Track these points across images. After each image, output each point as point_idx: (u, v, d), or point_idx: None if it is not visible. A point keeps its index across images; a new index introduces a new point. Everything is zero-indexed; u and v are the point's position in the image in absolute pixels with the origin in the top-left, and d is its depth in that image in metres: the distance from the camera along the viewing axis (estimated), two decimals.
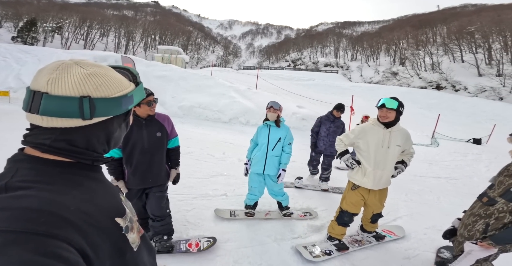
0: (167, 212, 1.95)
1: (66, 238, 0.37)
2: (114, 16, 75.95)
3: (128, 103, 0.53)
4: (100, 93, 0.47)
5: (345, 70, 54.80)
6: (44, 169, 0.46)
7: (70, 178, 0.47)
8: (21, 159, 0.47)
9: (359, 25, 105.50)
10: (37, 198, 0.39)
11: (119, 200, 0.56)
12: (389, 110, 2.02)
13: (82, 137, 0.49)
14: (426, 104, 18.71)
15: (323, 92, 18.82)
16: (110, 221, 0.49)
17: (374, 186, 2.12)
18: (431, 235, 2.63)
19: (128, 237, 0.52)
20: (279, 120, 2.55)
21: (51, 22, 54.42)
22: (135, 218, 0.59)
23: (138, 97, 0.57)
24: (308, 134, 7.77)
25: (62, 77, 0.44)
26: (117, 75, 0.53)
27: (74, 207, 0.42)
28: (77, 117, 0.45)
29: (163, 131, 1.83)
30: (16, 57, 13.31)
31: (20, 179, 0.42)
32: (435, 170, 5.62)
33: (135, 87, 0.55)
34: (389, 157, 2.08)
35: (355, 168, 2.19)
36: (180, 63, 31.57)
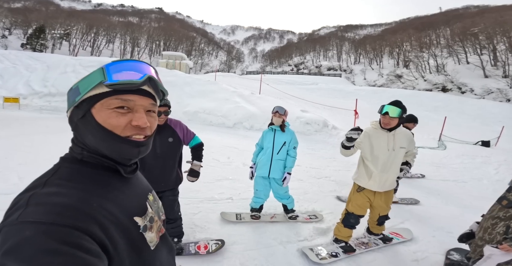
0: (179, 215, 2.01)
1: (88, 231, 0.41)
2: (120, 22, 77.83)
3: (74, 95, 0.51)
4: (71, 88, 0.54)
5: (348, 73, 54.73)
6: (79, 169, 0.52)
7: (98, 178, 0.52)
8: (65, 158, 0.55)
9: (361, 28, 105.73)
10: (66, 195, 0.45)
11: (143, 200, 0.60)
12: (392, 118, 2.04)
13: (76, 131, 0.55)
14: (432, 107, 18.49)
15: (326, 96, 18.79)
16: (129, 220, 0.52)
17: (380, 188, 2.13)
18: (439, 238, 2.60)
19: (146, 236, 0.54)
20: (284, 125, 2.59)
21: (59, 29, 56.03)
22: (158, 218, 0.62)
23: (85, 85, 0.50)
24: (312, 138, 7.83)
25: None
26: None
27: (96, 204, 0.46)
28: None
29: (175, 137, 1.87)
30: (26, 63, 13.70)
31: (58, 177, 0.49)
32: (443, 173, 5.55)
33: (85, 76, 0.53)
34: (395, 160, 2.10)
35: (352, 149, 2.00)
36: (184, 68, 32.05)
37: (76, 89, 0.51)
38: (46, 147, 4.48)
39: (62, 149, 0.57)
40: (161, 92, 0.57)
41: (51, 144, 4.75)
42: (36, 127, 6.25)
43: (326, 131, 8.31)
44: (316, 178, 4.37)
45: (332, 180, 4.28)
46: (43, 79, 11.70)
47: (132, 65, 0.52)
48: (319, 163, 5.36)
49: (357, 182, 2.22)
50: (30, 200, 0.42)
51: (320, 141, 7.66)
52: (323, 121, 8.61)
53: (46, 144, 4.70)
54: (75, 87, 0.52)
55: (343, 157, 2.30)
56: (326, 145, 7.33)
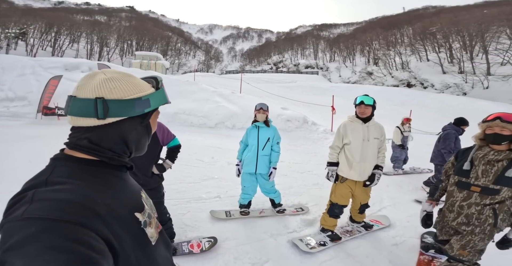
0: (167, 216, 1.99)
1: (93, 227, 0.42)
2: (85, 21, 72.38)
3: (143, 106, 0.56)
4: (114, 95, 0.52)
5: (325, 71, 56.68)
6: (77, 167, 0.52)
7: (98, 175, 0.53)
8: (59, 157, 0.54)
9: (335, 27, 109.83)
10: (71, 192, 0.45)
11: (139, 197, 0.62)
12: (367, 106, 2.23)
13: (100, 136, 0.54)
14: (399, 101, 19.91)
15: (305, 93, 19.33)
16: (130, 216, 0.53)
17: (360, 178, 2.29)
18: (413, 223, 2.80)
19: (147, 231, 0.56)
20: (268, 121, 2.66)
21: (13, 28, 50.65)
22: (154, 215, 0.64)
23: (157, 101, 0.59)
24: (293, 134, 8.02)
25: (87, 83, 0.52)
26: (136, 80, 0.57)
27: (100, 200, 0.47)
28: (93, 116, 0.51)
29: (153, 135, 1.84)
30: None
31: (57, 175, 0.48)
32: (412, 162, 6.02)
33: (153, 92, 0.58)
34: (370, 150, 2.27)
35: (332, 174, 2.37)
36: (160, 69, 30.86)
37: (147, 101, 0.57)
38: (10, 156, 4.10)
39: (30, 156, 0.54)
40: None
41: (17, 152, 4.35)
42: (7, 134, 5.68)
43: (306, 127, 8.57)
44: (299, 173, 4.52)
45: (315, 174, 4.45)
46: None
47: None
48: (301, 158, 5.54)
49: (339, 173, 2.35)
50: (34, 196, 0.42)
51: (301, 137, 7.88)
52: (303, 118, 8.87)
53: (10, 152, 4.30)
54: (145, 99, 0.56)
55: (324, 151, 2.44)
56: (307, 140, 7.58)
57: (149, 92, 0.57)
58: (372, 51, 55.20)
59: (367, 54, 56.74)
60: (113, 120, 0.53)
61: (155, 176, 1.92)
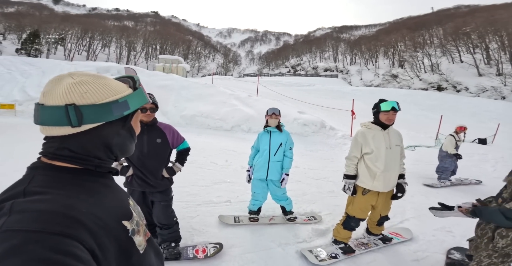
0: (174, 220, 1.99)
1: (79, 238, 0.40)
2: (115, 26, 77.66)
3: (122, 109, 0.52)
4: (86, 100, 0.48)
5: (345, 74, 55.12)
6: (57, 176, 0.49)
7: (81, 184, 0.50)
8: (37, 166, 0.51)
9: (356, 29, 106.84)
10: (52, 202, 0.42)
11: (127, 204, 0.59)
12: (395, 113, 2.07)
13: (80, 144, 0.51)
14: (428, 106, 18.67)
15: (323, 97, 18.90)
16: (117, 224, 0.51)
17: (385, 188, 2.11)
18: (440, 237, 2.60)
19: (135, 240, 0.54)
20: (280, 125, 2.59)
21: (53, 34, 55.74)
22: (142, 222, 0.61)
23: (136, 102, 0.56)
24: (310, 139, 7.83)
25: (53, 89, 0.48)
26: (110, 82, 0.53)
27: (85, 209, 0.45)
28: (66, 124, 0.47)
29: (164, 138, 1.87)
30: (21, 69, 13.58)
31: (36, 184, 0.46)
32: None
33: (130, 92, 0.55)
34: (394, 158, 2.10)
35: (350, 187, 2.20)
36: (181, 72, 32.06)
37: (125, 104, 0.54)
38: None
39: None
40: None
41: None
42: (32, 134, 6.17)
43: (323, 132, 8.33)
44: (314, 179, 4.37)
45: (331, 181, 4.28)
46: (39, 84, 11.61)
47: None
48: (317, 164, 5.36)
49: (361, 184, 2.16)
50: (13, 207, 0.40)
51: (318, 142, 7.67)
52: (321, 122, 8.64)
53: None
54: (123, 101, 0.53)
55: (342, 158, 2.31)
56: (324, 146, 7.34)
57: (126, 93, 0.54)
58: (397, 53, 52.75)
59: (392, 56, 54.32)
60: (90, 126, 0.50)
61: (165, 179, 1.93)
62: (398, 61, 50.41)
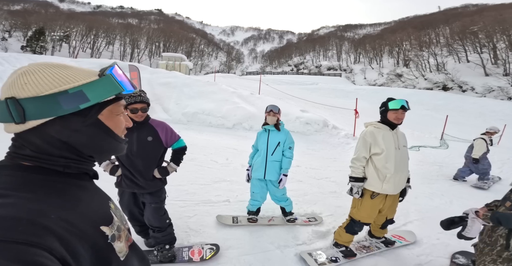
0: (167, 222, 1.89)
1: (46, 246, 0.35)
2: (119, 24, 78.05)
3: (75, 101, 0.44)
4: (26, 93, 0.42)
5: (348, 73, 54.69)
6: (26, 176, 0.44)
7: (52, 186, 0.45)
8: (5, 165, 0.46)
9: (360, 28, 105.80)
10: (16, 207, 0.38)
11: (106, 208, 0.54)
12: (404, 112, 1.97)
13: (34, 143, 0.45)
14: (433, 105, 18.39)
15: (326, 96, 18.74)
16: (94, 230, 0.46)
17: (395, 191, 2.01)
18: (444, 240, 2.51)
19: (115, 246, 0.49)
20: (279, 124, 2.51)
21: (58, 31, 56.19)
22: (124, 227, 0.56)
23: (99, 92, 0.46)
24: (312, 138, 7.74)
25: (5, 82, 0.44)
26: (64, 70, 0.45)
27: (54, 215, 0.40)
28: (10, 121, 0.42)
29: (155, 136, 1.76)
30: None
31: (1, 186, 0.41)
32: (446, 173, 5.45)
33: (89, 81, 0.46)
34: (404, 159, 2.02)
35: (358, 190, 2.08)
36: (184, 69, 32.06)
37: (79, 94, 0.44)
38: None
39: None
40: None
41: None
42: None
43: (326, 131, 8.23)
44: (316, 179, 4.29)
45: (333, 181, 4.20)
46: None
47: (119, 73, 0.52)
48: (319, 164, 5.28)
49: (370, 188, 2.03)
50: None
51: (320, 141, 7.57)
52: (323, 121, 8.54)
53: None
54: (76, 91, 0.44)
55: (344, 157, 2.23)
56: (327, 145, 7.25)
57: (82, 82, 0.45)
58: (402, 52, 52.11)
59: (397, 55, 53.71)
60: (38, 122, 0.43)
61: (157, 180, 1.82)
62: (403, 60, 49.81)
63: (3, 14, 55.30)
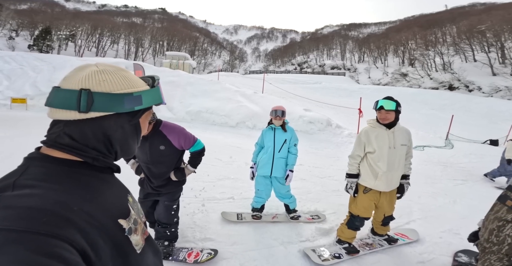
0: (174, 221, 1.93)
1: (67, 238, 0.37)
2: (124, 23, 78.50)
3: (134, 103, 0.52)
4: (102, 88, 0.48)
5: (353, 72, 54.32)
6: (53, 168, 0.47)
7: (77, 178, 0.47)
8: (34, 157, 0.48)
9: (365, 27, 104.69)
10: (42, 198, 0.40)
11: (125, 201, 0.56)
12: (388, 112, 2.02)
13: (82, 132, 0.49)
14: (439, 105, 18.17)
15: (330, 95, 18.65)
16: (113, 223, 0.48)
17: (387, 188, 2.08)
18: (447, 239, 2.53)
19: (131, 239, 0.51)
20: (285, 123, 2.56)
21: (64, 30, 56.87)
22: (140, 220, 0.59)
23: (150, 99, 0.55)
24: (315, 137, 7.74)
25: (75, 74, 0.49)
26: (131, 75, 0.54)
27: (77, 207, 0.42)
28: (74, 109, 0.46)
29: (167, 144, 1.71)
30: (33, 65, 13.87)
31: (29, 177, 0.43)
32: (450, 173, 5.42)
33: (147, 89, 0.55)
34: (398, 158, 2.05)
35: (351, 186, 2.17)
36: (188, 68, 32.18)
37: (138, 98, 0.53)
38: None
39: None
40: None
41: None
42: (43, 127, 6.30)
43: (329, 130, 8.23)
44: (319, 178, 4.31)
45: (336, 180, 4.21)
46: (50, 79, 11.84)
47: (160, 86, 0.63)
48: (322, 162, 5.30)
49: (362, 183, 2.14)
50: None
51: (323, 140, 7.58)
52: (327, 120, 8.53)
53: None
54: (137, 95, 0.52)
55: (347, 156, 2.26)
56: (330, 144, 7.26)
57: (142, 88, 0.54)
58: (407, 51, 51.50)
59: (402, 55, 53.12)
60: (97, 114, 0.48)
61: (172, 182, 1.83)
62: (408, 60, 49.24)
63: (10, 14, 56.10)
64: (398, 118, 2.09)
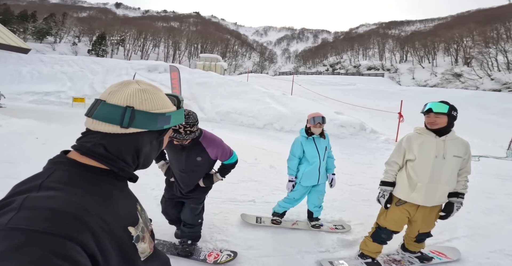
0: (198, 221, 1.99)
1: (81, 242, 0.39)
2: (163, 27, 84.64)
3: (164, 122, 0.57)
4: (143, 107, 0.53)
5: (393, 73, 50.28)
6: (78, 173, 0.50)
7: (98, 184, 0.50)
8: (61, 161, 0.51)
9: (407, 24, 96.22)
10: (64, 201, 0.42)
11: (134, 209, 0.58)
12: (438, 115, 1.74)
13: (117, 144, 0.53)
14: (500, 110, 15.62)
15: (365, 97, 17.41)
16: (123, 230, 0.50)
17: (426, 202, 1.81)
18: (495, 260, 2.17)
19: (138, 247, 0.53)
20: (323, 132, 2.49)
21: (115, 36, 63.82)
22: (147, 229, 0.60)
23: (176, 119, 0.60)
24: (346, 142, 7.31)
25: (120, 90, 0.53)
26: (164, 96, 0.59)
27: (95, 212, 0.44)
28: (117, 124, 0.51)
29: (204, 156, 1.73)
30: (90, 68, 15.87)
31: (54, 180, 0.46)
32: (510, 187, 4.63)
33: (175, 110, 0.60)
34: (446, 170, 1.76)
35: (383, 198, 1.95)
36: (219, 70, 33.37)
37: (168, 118, 0.58)
38: None
39: None
40: None
41: None
42: None
43: (363, 135, 7.71)
44: (348, 185, 4.05)
45: (366, 188, 3.91)
46: (103, 81, 13.44)
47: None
48: (352, 169, 4.97)
49: (397, 194, 1.91)
50: (24, 203, 0.39)
51: (355, 145, 7.13)
52: (360, 124, 8.02)
53: None
54: (168, 115, 0.58)
55: (383, 164, 2.06)
56: (363, 150, 6.79)
57: (172, 109, 0.59)
58: (462, 49, 45.80)
59: (455, 53, 47.43)
60: (135, 131, 0.53)
61: (200, 188, 1.88)
62: (463, 58, 43.76)
63: (73, 21, 64.98)
64: (453, 125, 1.81)
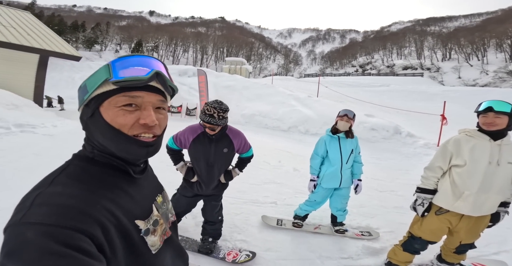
0: (219, 218, 2.03)
1: (89, 233, 0.41)
2: (192, 33, 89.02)
3: (83, 93, 0.51)
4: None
5: (434, 72, 46.22)
6: (87, 167, 0.51)
7: (105, 178, 0.51)
8: (77, 155, 0.54)
9: (449, 20, 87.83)
10: (71, 196, 0.44)
11: (149, 202, 0.58)
12: (499, 115, 1.51)
13: (86, 130, 0.54)
14: None
15: (401, 99, 16.07)
16: (130, 223, 0.50)
17: (473, 212, 1.61)
18: None
19: (147, 240, 0.52)
20: (351, 130, 2.33)
21: (150, 42, 69.07)
22: (163, 221, 0.60)
23: (92, 83, 0.49)
24: (378, 146, 6.88)
25: None
26: (102, 68, 0.50)
27: (100, 205, 0.45)
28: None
29: (230, 148, 1.79)
30: None
31: (66, 175, 0.48)
32: None
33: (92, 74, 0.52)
34: (499, 177, 1.56)
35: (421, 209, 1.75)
36: (244, 73, 34.00)
37: (84, 87, 0.50)
38: None
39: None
40: (170, 88, 0.54)
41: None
42: None
43: (398, 139, 7.19)
44: (378, 191, 3.82)
45: (400, 195, 3.63)
46: None
47: (139, 60, 0.51)
48: (384, 175, 4.68)
49: (437, 202, 1.71)
50: (35, 200, 0.42)
51: (388, 149, 6.68)
52: (394, 127, 7.50)
53: None
54: (83, 85, 0.51)
55: (420, 170, 1.87)
56: (397, 154, 6.32)
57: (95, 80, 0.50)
58: None
59: (508, 49, 41.95)
60: (80, 110, 0.52)
61: (220, 184, 1.90)
62: None
63: (115, 30, 71.79)
64: (511, 128, 1.59)
